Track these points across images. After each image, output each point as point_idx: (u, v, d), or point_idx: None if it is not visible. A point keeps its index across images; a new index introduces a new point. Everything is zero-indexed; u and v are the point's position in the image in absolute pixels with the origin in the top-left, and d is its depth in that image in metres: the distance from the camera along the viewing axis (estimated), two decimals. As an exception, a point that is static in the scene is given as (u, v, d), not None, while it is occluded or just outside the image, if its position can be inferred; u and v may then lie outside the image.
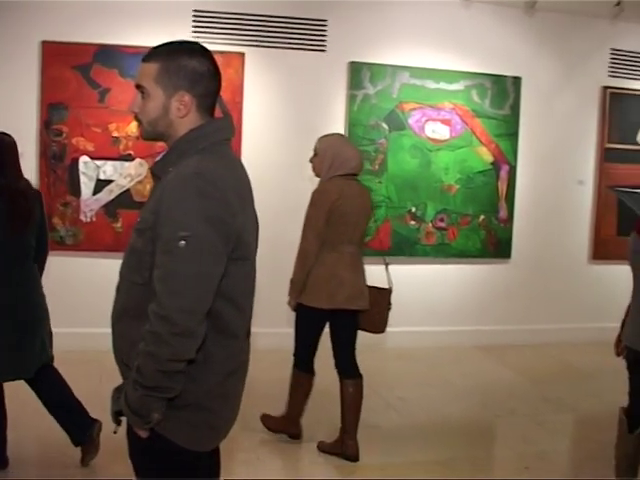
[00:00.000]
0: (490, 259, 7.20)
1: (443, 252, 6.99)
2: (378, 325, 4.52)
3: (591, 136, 7.48)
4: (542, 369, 6.70)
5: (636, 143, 7.59)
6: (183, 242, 1.97)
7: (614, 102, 7.45)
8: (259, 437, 4.63)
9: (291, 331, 4.48)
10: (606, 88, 7.42)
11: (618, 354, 4.06)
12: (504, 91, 7.02)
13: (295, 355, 4.54)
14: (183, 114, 2.15)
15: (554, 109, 7.34)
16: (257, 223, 2.31)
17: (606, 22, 7.31)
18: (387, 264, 4.58)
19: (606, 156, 7.48)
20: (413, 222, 6.85)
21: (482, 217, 7.05)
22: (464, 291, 7.20)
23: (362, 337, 6.59)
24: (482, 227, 7.07)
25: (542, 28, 7.21)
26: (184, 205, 2.01)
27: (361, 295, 4.37)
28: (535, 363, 6.86)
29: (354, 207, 4.29)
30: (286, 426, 4.60)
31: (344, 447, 4.37)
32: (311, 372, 4.51)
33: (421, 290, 6.99)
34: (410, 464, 4.42)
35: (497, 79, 6.98)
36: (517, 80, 7.04)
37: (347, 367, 4.43)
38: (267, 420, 4.68)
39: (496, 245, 7.16)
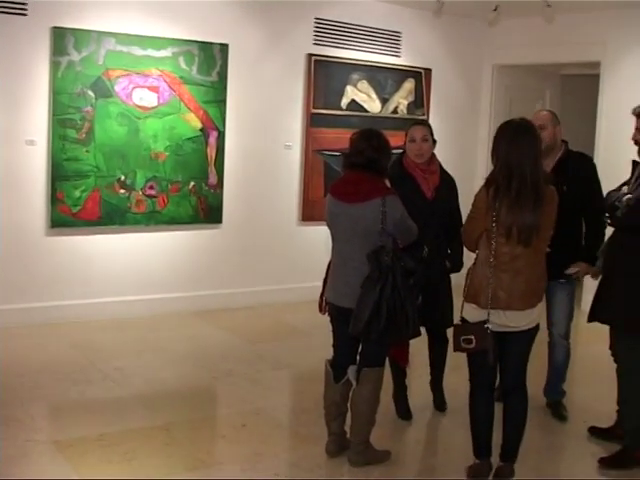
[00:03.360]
0: (202, 225, 7.84)
1: (154, 220, 7.51)
2: None
3: (297, 102, 8.34)
4: (258, 329, 7.44)
5: (340, 108, 8.55)
6: None
7: (319, 69, 8.34)
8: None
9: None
10: (311, 55, 8.29)
11: (322, 311, 4.76)
12: (211, 58, 7.61)
13: None
14: None
15: (261, 75, 8.06)
16: None
17: (311, -8, 8.16)
18: None
19: (312, 121, 8.38)
20: (123, 191, 7.28)
21: (192, 183, 7.66)
22: (177, 258, 7.78)
23: (74, 310, 7.29)
24: (192, 193, 7.68)
25: (249, -4, 7.87)
26: None
27: None
28: (251, 324, 7.59)
29: None
30: None
31: None
32: None
33: (133, 259, 7.51)
34: (129, 431, 4.89)
35: (204, 46, 7.55)
36: (224, 47, 7.67)
37: None
38: None
39: (207, 211, 7.81)
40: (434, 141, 5.30)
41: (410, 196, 5.00)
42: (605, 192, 5.05)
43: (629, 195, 4.65)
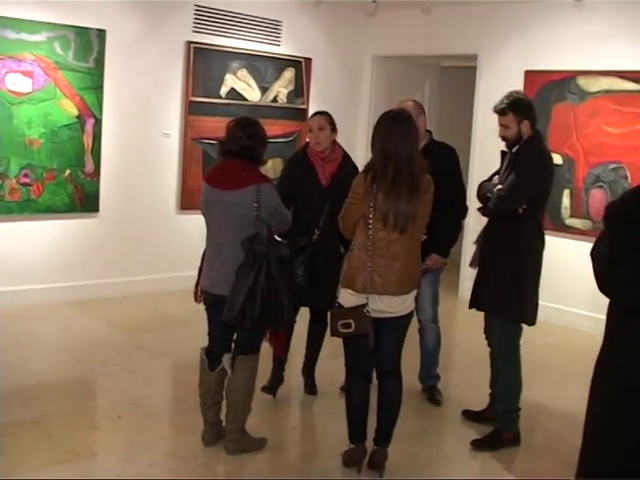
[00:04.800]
0: (78, 213, 7.75)
1: (29, 208, 7.38)
2: None
3: (176, 90, 8.33)
4: (136, 319, 7.43)
5: (219, 96, 8.58)
6: None
7: (198, 57, 8.35)
8: None
9: None
10: (190, 43, 8.28)
11: (197, 299, 4.82)
12: (88, 43, 7.50)
13: None
14: None
15: (140, 63, 8.01)
16: None
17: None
18: None
19: (190, 109, 8.39)
20: (-4, 178, 7.08)
21: (68, 171, 7.55)
22: (53, 247, 7.67)
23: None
24: (69, 181, 7.57)
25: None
26: None
27: None
28: (129, 314, 7.57)
29: None
30: None
31: None
32: None
33: (8, 249, 7.36)
34: (1, 426, 4.79)
35: (80, 31, 7.43)
36: (101, 33, 7.57)
37: None
38: None
39: (84, 199, 7.72)
40: (334, 130, 5.51)
41: (307, 181, 5.36)
42: (479, 182, 5.29)
43: (499, 186, 4.90)
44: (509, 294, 4.92)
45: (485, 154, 8.62)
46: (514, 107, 4.92)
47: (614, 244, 3.18)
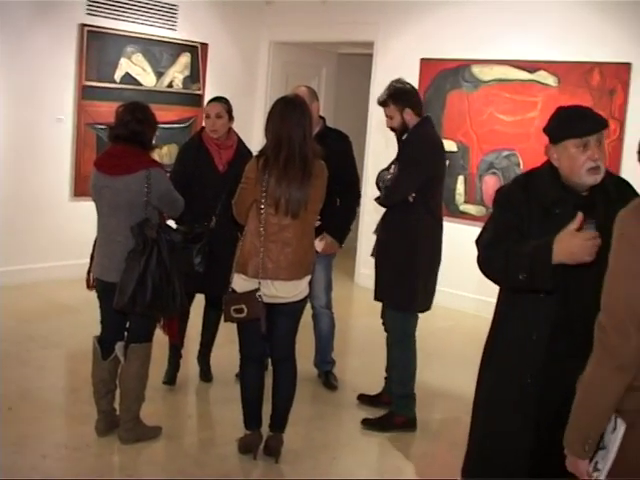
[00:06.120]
0: None
1: None
2: None
3: (69, 74, 8.14)
4: (27, 308, 7.26)
5: (114, 81, 8.44)
6: None
7: (92, 41, 8.19)
8: None
9: None
10: (84, 26, 8.11)
11: (89, 287, 4.77)
12: None
13: None
14: None
15: (31, 45, 7.80)
16: None
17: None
18: None
19: (84, 94, 8.22)
20: None
21: None
22: None
23: None
24: None
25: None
26: None
27: None
28: (19, 303, 7.36)
29: None
30: None
31: None
32: None
33: None
34: None
35: None
36: None
37: None
38: None
39: None
40: (231, 117, 5.51)
41: (203, 168, 5.35)
42: (375, 169, 5.37)
43: (390, 175, 4.98)
44: (401, 286, 5.00)
45: (381, 142, 8.71)
46: (393, 97, 5.03)
47: (497, 227, 3.25)
